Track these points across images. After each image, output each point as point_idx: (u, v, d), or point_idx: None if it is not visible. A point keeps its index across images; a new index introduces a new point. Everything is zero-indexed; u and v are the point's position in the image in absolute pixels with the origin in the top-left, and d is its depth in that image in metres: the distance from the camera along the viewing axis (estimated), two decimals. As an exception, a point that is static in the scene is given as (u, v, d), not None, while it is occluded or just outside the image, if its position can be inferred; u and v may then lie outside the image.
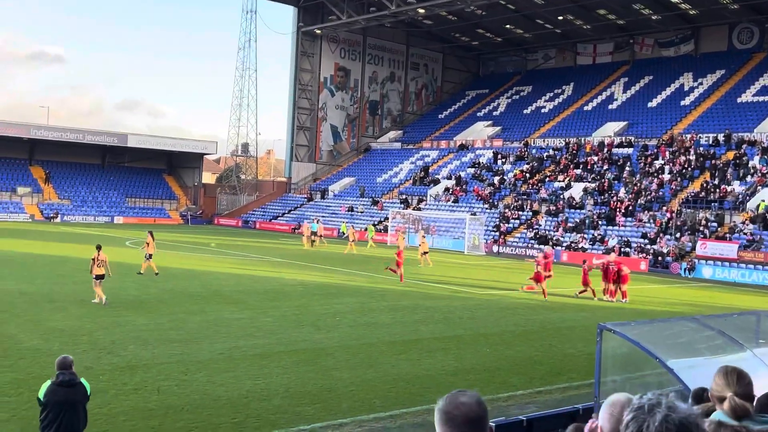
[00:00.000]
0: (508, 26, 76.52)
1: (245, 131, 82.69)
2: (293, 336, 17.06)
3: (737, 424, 3.19)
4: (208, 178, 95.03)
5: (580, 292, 27.95)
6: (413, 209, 60.29)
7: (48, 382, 7.40)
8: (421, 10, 65.83)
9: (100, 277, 20.26)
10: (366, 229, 54.83)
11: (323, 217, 64.56)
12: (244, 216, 73.54)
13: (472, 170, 64.62)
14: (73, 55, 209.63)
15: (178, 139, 79.60)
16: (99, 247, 21.05)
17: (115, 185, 75.37)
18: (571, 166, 58.14)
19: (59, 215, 67.02)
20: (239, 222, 71.87)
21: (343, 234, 59.75)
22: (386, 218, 59.75)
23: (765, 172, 47.22)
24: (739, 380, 3.49)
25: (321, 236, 50.60)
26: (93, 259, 20.47)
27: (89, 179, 74.82)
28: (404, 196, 64.14)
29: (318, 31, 75.13)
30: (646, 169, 53.51)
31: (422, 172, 67.73)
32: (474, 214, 54.50)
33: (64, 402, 7.30)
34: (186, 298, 22.09)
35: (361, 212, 64.54)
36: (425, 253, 38.67)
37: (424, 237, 41.91)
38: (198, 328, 17.33)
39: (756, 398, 4.24)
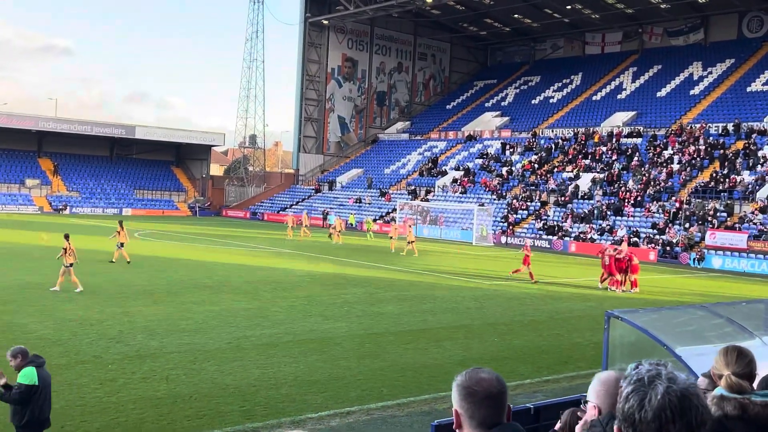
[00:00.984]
0: (516, 16, 76.16)
1: (253, 123, 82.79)
2: (301, 326, 17.09)
3: (740, 396, 3.18)
4: (216, 170, 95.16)
5: (606, 281, 27.57)
6: (421, 200, 60.25)
7: (32, 368, 7.76)
8: (429, 0, 65.56)
9: (70, 265, 21.02)
10: (364, 221, 54.77)
11: (332, 208, 64.62)
12: (252, 207, 73.66)
13: (480, 161, 64.48)
14: (81, 48, 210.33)
15: (186, 131, 79.74)
16: (67, 236, 21.73)
17: (123, 177, 75.58)
18: (580, 157, 57.95)
19: (68, 207, 67.27)
20: (247, 214, 71.98)
21: (352, 225, 59.83)
22: (394, 209, 59.72)
23: (775, 161, 46.92)
24: (739, 359, 3.47)
25: (306, 226, 49.90)
26: (65, 249, 21.17)
27: (97, 171, 75.04)
28: (412, 187, 64.09)
29: (325, 22, 74.97)
30: (655, 159, 53.28)
31: (430, 163, 67.63)
32: (482, 205, 54.42)
33: (48, 381, 8.03)
34: (194, 289, 22.16)
35: (369, 204, 64.53)
36: (411, 242, 38.99)
37: (411, 227, 42.03)
38: (206, 318, 17.38)
39: (761, 377, 4.21)
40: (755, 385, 4.08)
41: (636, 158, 54.22)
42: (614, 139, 58.30)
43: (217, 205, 77.36)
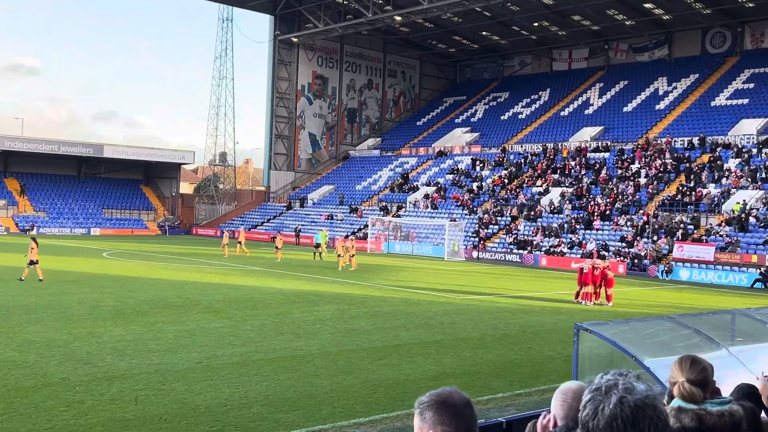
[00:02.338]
0: (484, 33, 76.99)
1: (223, 140, 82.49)
2: (273, 344, 16.97)
3: (696, 408, 3.23)
4: (185, 188, 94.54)
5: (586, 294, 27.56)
6: (393, 216, 60.34)
7: None
8: (398, 18, 66.04)
9: (34, 263, 26.45)
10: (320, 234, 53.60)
11: (303, 225, 64.45)
12: (223, 225, 73.17)
13: (450, 176, 64.82)
14: (48, 67, 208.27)
15: (155, 149, 79.17)
16: (34, 238, 27.50)
17: (91, 196, 74.74)
18: (549, 171, 58.52)
19: (35, 227, 66.33)
20: (218, 232, 71.47)
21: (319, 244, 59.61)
22: (366, 225, 59.74)
23: (739, 174, 47.79)
24: (692, 366, 3.52)
25: (240, 242, 47.65)
26: (31, 249, 26.40)
27: (65, 191, 74.14)
28: (384, 204, 64.19)
29: (295, 39, 75.11)
30: (623, 173, 53.97)
31: (401, 179, 67.83)
32: (453, 220, 54.65)
33: None
34: (163, 308, 21.92)
35: (341, 220, 64.49)
36: (344, 256, 38.76)
37: (353, 240, 41.67)
38: (176, 338, 17.19)
39: (737, 386, 4.27)
40: (729, 393, 4.14)
41: (604, 172, 54.88)
42: (582, 154, 58.98)
43: (187, 223, 76.77)
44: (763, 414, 4.20)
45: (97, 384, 12.73)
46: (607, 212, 49.42)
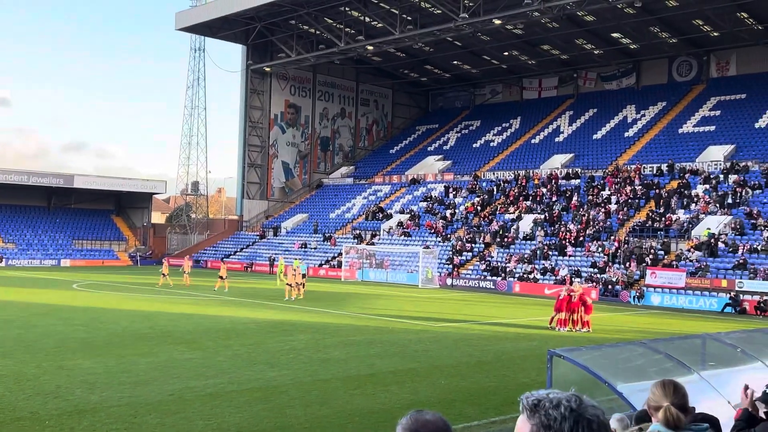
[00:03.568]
0: (455, 62, 77.91)
1: (195, 170, 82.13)
2: (246, 375, 16.81)
3: None
4: (157, 218, 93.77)
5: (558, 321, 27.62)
6: (367, 244, 60.32)
7: None
8: (370, 47, 66.62)
9: None
10: (278, 262, 52.33)
11: (277, 253, 64.16)
12: (195, 255, 72.56)
13: (424, 204, 65.06)
14: (18, 98, 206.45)
15: (126, 179, 78.63)
16: None
17: (61, 227, 73.86)
18: (521, 198, 58.99)
19: (3, 259, 65.29)
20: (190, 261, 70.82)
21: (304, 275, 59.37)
22: (340, 254, 59.63)
23: (708, 200, 48.54)
24: (675, 391, 3.57)
25: (165, 275, 44.61)
26: None
27: (35, 222, 73.21)
28: (357, 232, 64.17)
29: (267, 69, 75.35)
30: (594, 199, 54.58)
31: (375, 207, 67.94)
32: (427, 247, 54.76)
33: None
34: (135, 340, 21.64)
35: (315, 248, 64.32)
36: (299, 283, 37.24)
37: (298, 266, 40.05)
38: (147, 370, 16.96)
39: (692, 415, 4.32)
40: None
41: (575, 199, 55.45)
42: (553, 181, 59.58)
43: (159, 253, 76.03)
44: None
45: (68, 418, 12.51)
46: (580, 238, 49.86)
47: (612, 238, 48.61)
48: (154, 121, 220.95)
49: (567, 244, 49.77)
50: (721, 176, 51.14)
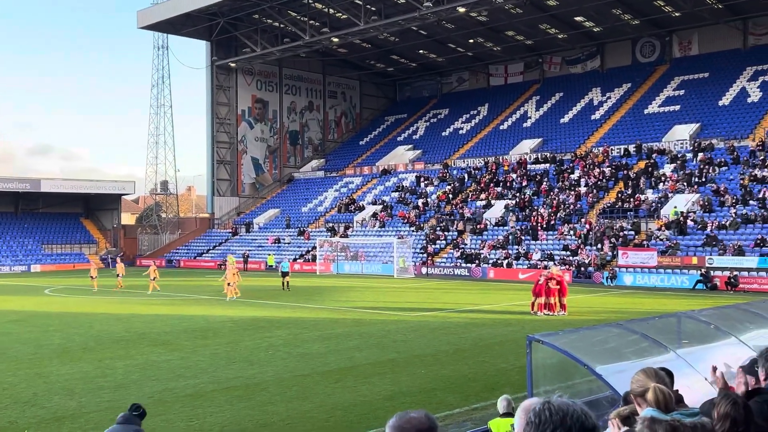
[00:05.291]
0: (421, 51, 77.90)
1: (164, 169, 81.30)
2: (225, 373, 16.75)
3: (670, 418, 3.29)
4: (127, 219, 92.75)
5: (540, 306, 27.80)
6: (340, 237, 60.27)
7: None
8: (335, 39, 66.38)
9: None
10: (226, 260, 49.71)
11: (250, 250, 63.87)
12: (168, 255, 72.03)
13: (396, 194, 65.12)
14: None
15: (94, 181, 77.72)
16: None
17: (30, 232, 72.79)
18: (492, 185, 59.28)
19: (-29, 267, 64.24)
20: (162, 262, 70.28)
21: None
22: (314, 248, 59.52)
23: (675, 179, 49.17)
24: (657, 374, 3.61)
25: (94, 277, 43.08)
26: None
27: (2, 228, 72.05)
28: (331, 225, 64.07)
29: (232, 65, 74.77)
30: (563, 183, 55.00)
31: (347, 199, 67.86)
32: (401, 237, 54.85)
33: None
34: (111, 343, 21.44)
35: (288, 243, 64.12)
36: (229, 284, 35.24)
37: (233, 263, 39.08)
38: (126, 373, 16.83)
39: (702, 402, 4.38)
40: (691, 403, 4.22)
41: (545, 183, 55.85)
42: (523, 166, 59.94)
43: (131, 254, 75.30)
44: None
45: (47, 426, 12.39)
46: (551, 222, 50.26)
47: (583, 220, 49.06)
48: (120, 121, 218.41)
49: (539, 228, 50.15)
50: (688, 155, 51.82)
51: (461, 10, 56.71)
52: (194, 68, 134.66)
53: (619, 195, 49.99)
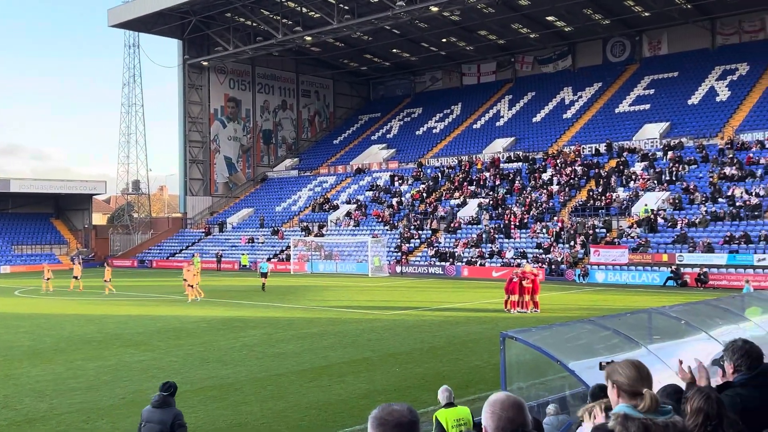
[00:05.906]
0: (394, 50, 77.96)
1: (135, 168, 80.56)
2: (199, 374, 16.65)
3: (644, 417, 3.32)
4: (99, 219, 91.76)
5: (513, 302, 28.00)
6: (315, 236, 60.14)
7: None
8: (308, 38, 66.20)
9: None
10: (192, 261, 50.53)
11: (223, 250, 63.50)
12: (140, 255, 71.36)
13: (370, 193, 65.12)
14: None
15: (65, 181, 76.68)
16: None
17: (-1, 233, 71.74)
18: (465, 184, 59.51)
19: (-62, 269, 63.14)
20: (134, 262, 69.66)
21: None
22: (288, 247, 59.33)
23: (646, 177, 49.73)
24: (649, 376, 3.64)
25: (48, 279, 41.59)
26: None
27: (-30, 229, 70.91)
28: (305, 224, 63.91)
29: (205, 63, 74.26)
30: (536, 182, 55.38)
31: (321, 199, 67.73)
32: (375, 236, 54.87)
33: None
34: (83, 344, 21.21)
35: (262, 243, 63.84)
36: (191, 285, 34.43)
37: (194, 264, 38.32)
38: (97, 375, 16.66)
39: (662, 387, 4.44)
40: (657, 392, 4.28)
41: (518, 182, 56.19)
42: (496, 165, 60.25)
43: (102, 255, 74.51)
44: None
45: (17, 428, 12.23)
46: (524, 220, 50.58)
47: (555, 218, 49.45)
48: (92, 120, 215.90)
49: (512, 226, 50.45)
50: (658, 153, 52.43)
51: (434, 9, 56.84)
52: (166, 67, 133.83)
53: (591, 193, 50.45)
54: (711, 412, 3.82)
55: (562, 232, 47.26)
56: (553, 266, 44.58)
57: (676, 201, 45.67)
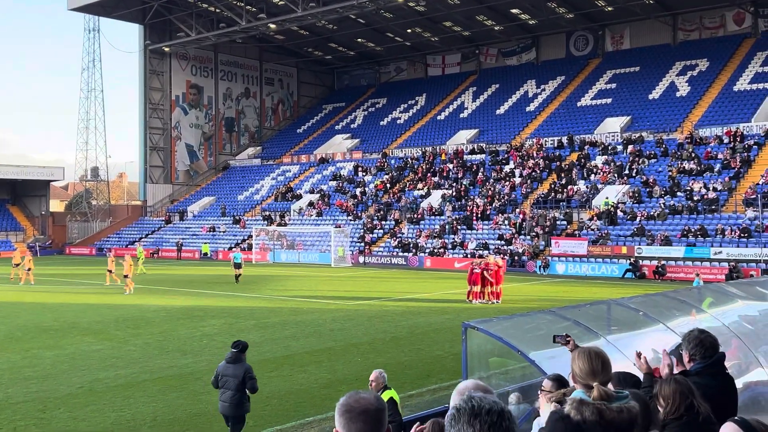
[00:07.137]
0: (359, 40, 77.71)
1: (94, 155, 79.20)
2: (158, 363, 16.47)
3: (598, 402, 3.39)
4: (56, 206, 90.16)
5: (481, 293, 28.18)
6: (277, 225, 59.82)
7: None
8: (272, 26, 65.63)
9: None
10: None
11: (184, 238, 62.86)
12: (98, 243, 70.30)
13: (334, 183, 64.96)
14: None
15: (21, 167, 75.14)
16: None
17: (-48, 219, 70.06)
18: (429, 175, 59.67)
19: None
20: (93, 250, 68.62)
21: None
22: (250, 236, 58.93)
23: (606, 170, 50.35)
24: (604, 367, 3.73)
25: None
26: None
27: None
28: (267, 213, 63.52)
29: (166, 49, 73.23)
30: (498, 174, 55.74)
31: (284, 188, 67.37)
32: (338, 226, 54.77)
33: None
34: (39, 333, 20.84)
35: (224, 232, 63.33)
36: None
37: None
38: (54, 363, 16.38)
39: (614, 374, 4.52)
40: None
41: (481, 174, 56.50)
42: (459, 157, 60.50)
43: (60, 242, 73.27)
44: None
45: (-30, 419, 11.96)
46: (486, 212, 50.90)
47: (517, 210, 49.85)
48: (50, 105, 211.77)
49: (475, 218, 50.75)
50: (619, 147, 53.11)
51: (400, -1, 56.74)
52: (127, 52, 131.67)
53: (552, 186, 50.94)
54: (685, 390, 4.01)
55: (524, 224, 47.67)
56: (514, 257, 44.95)
57: (636, 194, 46.34)
